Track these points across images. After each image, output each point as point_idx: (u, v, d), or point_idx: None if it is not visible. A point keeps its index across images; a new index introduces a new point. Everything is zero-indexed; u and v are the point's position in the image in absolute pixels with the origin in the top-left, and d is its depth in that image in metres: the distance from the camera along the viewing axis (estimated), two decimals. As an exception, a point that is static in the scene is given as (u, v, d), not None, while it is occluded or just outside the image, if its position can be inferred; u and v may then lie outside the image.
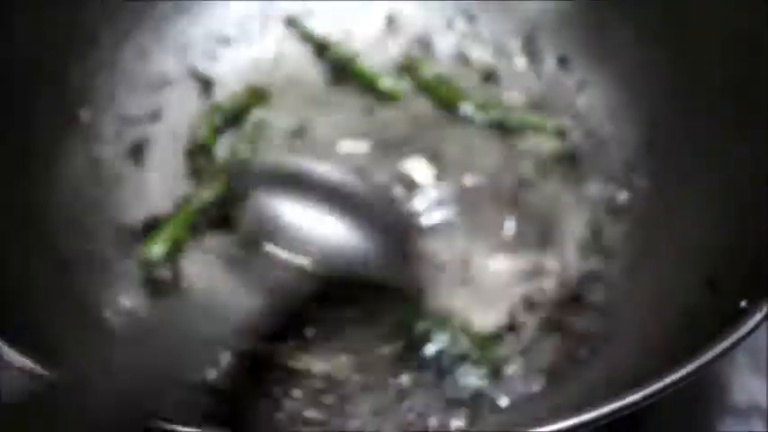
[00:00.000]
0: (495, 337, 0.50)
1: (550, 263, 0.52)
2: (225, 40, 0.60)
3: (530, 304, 0.51)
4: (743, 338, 0.37)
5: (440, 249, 0.53)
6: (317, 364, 0.49)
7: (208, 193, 0.54)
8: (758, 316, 0.37)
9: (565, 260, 0.52)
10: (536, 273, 0.52)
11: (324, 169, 0.52)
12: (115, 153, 0.55)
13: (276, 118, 0.58)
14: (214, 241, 0.52)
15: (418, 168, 0.56)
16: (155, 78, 0.58)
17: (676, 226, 0.51)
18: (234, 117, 0.58)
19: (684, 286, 0.47)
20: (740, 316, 0.38)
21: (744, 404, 0.52)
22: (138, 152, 0.56)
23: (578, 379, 0.47)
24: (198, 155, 0.56)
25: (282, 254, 0.46)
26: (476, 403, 0.48)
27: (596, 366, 0.47)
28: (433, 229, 0.54)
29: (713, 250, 0.47)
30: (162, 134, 0.57)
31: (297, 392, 0.48)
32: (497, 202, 0.55)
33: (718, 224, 0.48)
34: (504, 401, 0.48)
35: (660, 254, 0.51)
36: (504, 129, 0.57)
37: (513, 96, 0.59)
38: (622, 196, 0.54)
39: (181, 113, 0.58)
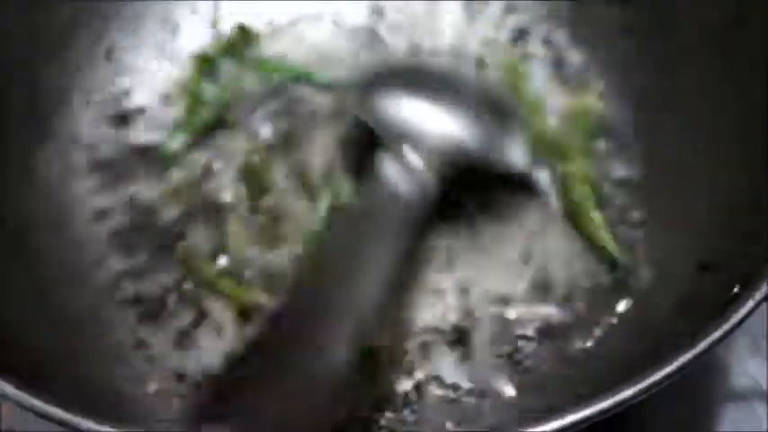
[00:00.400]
0: None
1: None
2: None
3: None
4: (737, 325, 0.36)
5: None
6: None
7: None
8: (750, 303, 0.36)
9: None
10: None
11: (432, 63, 0.56)
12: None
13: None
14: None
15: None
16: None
17: (669, 210, 0.50)
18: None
19: (679, 271, 0.47)
20: (733, 302, 0.37)
21: (745, 388, 0.52)
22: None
23: (575, 369, 0.46)
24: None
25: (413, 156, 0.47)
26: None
27: (594, 355, 0.47)
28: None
29: (707, 234, 0.46)
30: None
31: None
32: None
33: (710, 208, 0.47)
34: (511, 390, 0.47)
35: (654, 238, 0.50)
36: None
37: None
38: (613, 184, 0.53)
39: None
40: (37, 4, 0.53)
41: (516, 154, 0.52)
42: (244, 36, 0.58)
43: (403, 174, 0.47)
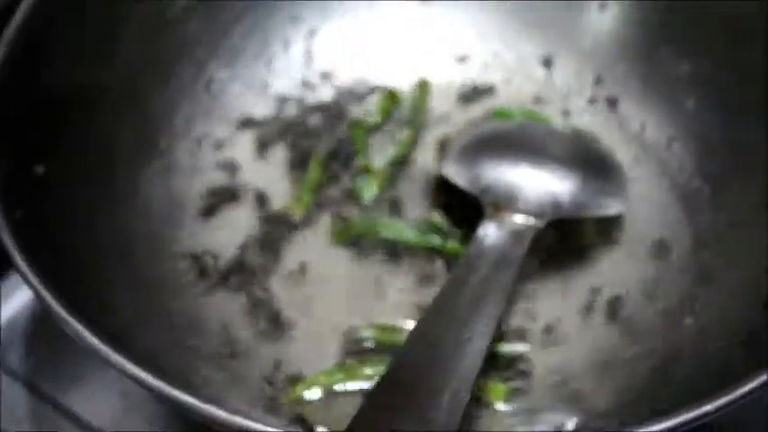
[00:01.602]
0: None
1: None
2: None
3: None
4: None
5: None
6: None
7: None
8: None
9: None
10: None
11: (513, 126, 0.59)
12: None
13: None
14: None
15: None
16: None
17: (734, 249, 0.53)
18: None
19: (744, 306, 0.49)
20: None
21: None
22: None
23: (641, 396, 0.49)
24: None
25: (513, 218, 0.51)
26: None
27: (658, 384, 0.49)
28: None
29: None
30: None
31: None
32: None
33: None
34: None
35: (718, 278, 0.53)
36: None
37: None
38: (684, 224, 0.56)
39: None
40: (149, 35, 0.57)
41: (610, 203, 0.55)
42: (392, 99, 0.62)
43: (503, 235, 0.51)
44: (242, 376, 0.50)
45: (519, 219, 0.52)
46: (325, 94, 0.63)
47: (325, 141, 0.60)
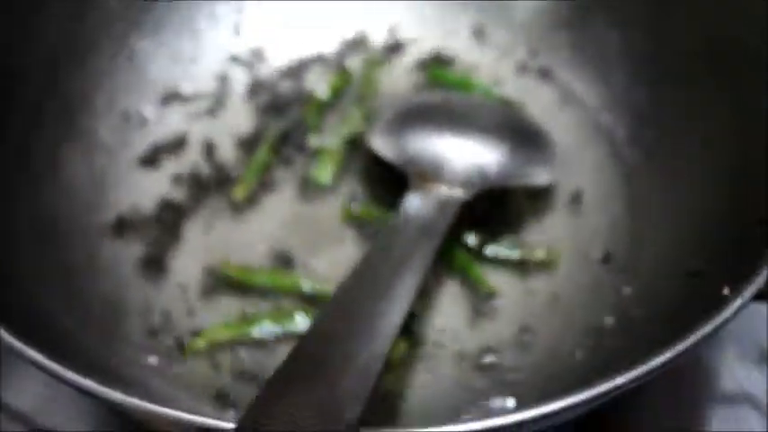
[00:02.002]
0: None
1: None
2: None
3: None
4: (722, 326, 0.38)
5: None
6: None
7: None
8: (738, 302, 0.38)
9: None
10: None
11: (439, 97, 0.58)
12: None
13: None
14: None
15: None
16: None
17: (660, 216, 0.52)
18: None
19: (670, 275, 0.49)
20: (721, 303, 0.39)
21: (733, 392, 0.53)
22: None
23: (564, 367, 0.48)
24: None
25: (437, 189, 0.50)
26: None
27: (581, 354, 0.49)
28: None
29: (698, 238, 0.49)
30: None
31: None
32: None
33: (701, 213, 0.50)
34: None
35: (644, 244, 0.52)
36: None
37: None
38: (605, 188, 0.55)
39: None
40: (68, 10, 0.55)
41: (538, 172, 0.55)
42: (345, 78, 0.61)
43: (427, 204, 0.50)
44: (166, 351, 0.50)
45: (444, 190, 0.51)
46: (258, 69, 0.61)
47: (272, 120, 0.59)
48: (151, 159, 0.57)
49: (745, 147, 0.49)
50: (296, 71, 0.61)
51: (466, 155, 0.53)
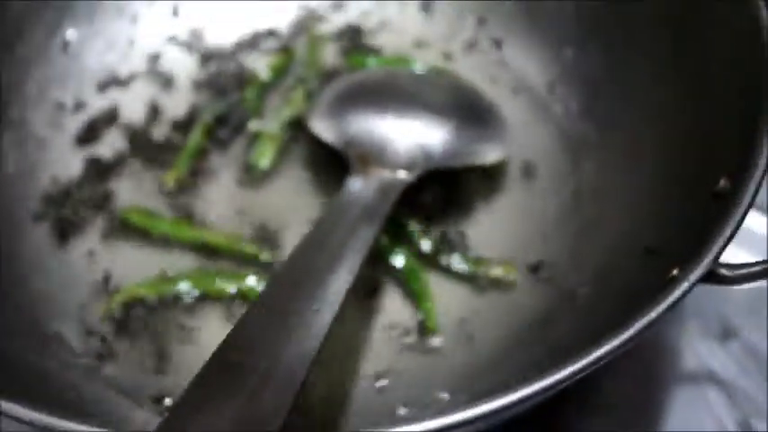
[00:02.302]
0: None
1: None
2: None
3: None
4: (670, 308, 0.36)
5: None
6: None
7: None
8: (685, 284, 0.36)
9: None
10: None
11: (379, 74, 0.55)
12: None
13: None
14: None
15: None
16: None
17: (616, 195, 0.51)
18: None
19: (624, 254, 0.47)
20: (670, 284, 0.38)
21: (695, 369, 0.52)
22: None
23: (522, 352, 0.46)
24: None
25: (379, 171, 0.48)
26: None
27: (538, 337, 0.47)
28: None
29: (651, 218, 0.47)
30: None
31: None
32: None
33: (655, 191, 0.48)
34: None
35: (601, 223, 0.50)
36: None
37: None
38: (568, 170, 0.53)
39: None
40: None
41: (488, 149, 0.52)
42: (287, 57, 0.59)
43: (369, 188, 0.48)
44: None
45: (387, 173, 0.49)
46: (197, 50, 0.59)
47: (209, 101, 0.57)
48: (85, 139, 0.55)
49: (697, 118, 0.48)
50: (236, 51, 0.59)
51: (409, 135, 0.51)
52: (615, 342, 0.35)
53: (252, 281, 0.49)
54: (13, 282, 0.48)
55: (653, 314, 0.36)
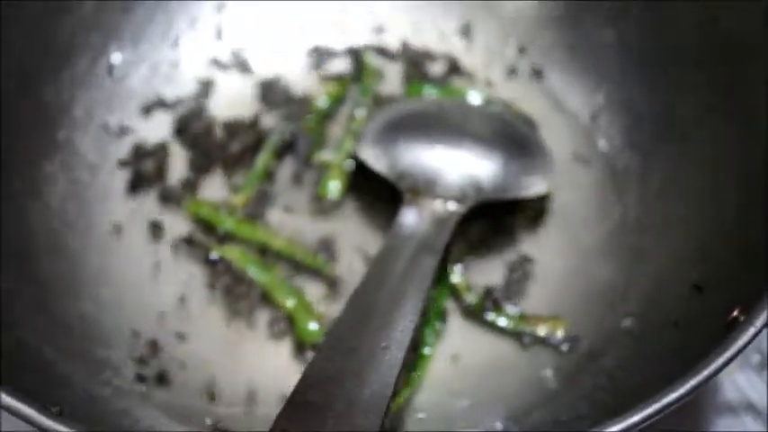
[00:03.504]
0: None
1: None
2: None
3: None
4: (739, 352, 0.37)
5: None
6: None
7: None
8: (752, 330, 0.37)
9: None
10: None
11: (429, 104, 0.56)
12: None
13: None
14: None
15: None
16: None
17: (660, 228, 0.51)
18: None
19: (671, 289, 0.48)
20: (733, 326, 0.38)
21: (736, 402, 0.52)
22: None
23: (572, 392, 0.47)
24: None
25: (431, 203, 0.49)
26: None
27: (591, 375, 0.47)
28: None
29: (700, 254, 0.47)
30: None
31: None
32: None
33: (705, 228, 0.48)
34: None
35: (646, 255, 0.51)
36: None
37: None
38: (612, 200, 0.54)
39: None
40: (40, 20, 0.53)
41: (534, 182, 0.52)
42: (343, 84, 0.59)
43: (424, 222, 0.48)
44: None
45: (439, 204, 0.49)
46: (240, 73, 0.59)
47: (269, 128, 0.57)
48: (136, 176, 0.55)
49: (745, 150, 0.48)
50: (280, 76, 0.59)
51: (460, 167, 0.51)
52: (685, 388, 0.36)
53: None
54: (64, 306, 0.49)
55: (720, 360, 0.36)
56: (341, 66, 0.60)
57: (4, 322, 0.44)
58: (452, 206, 0.49)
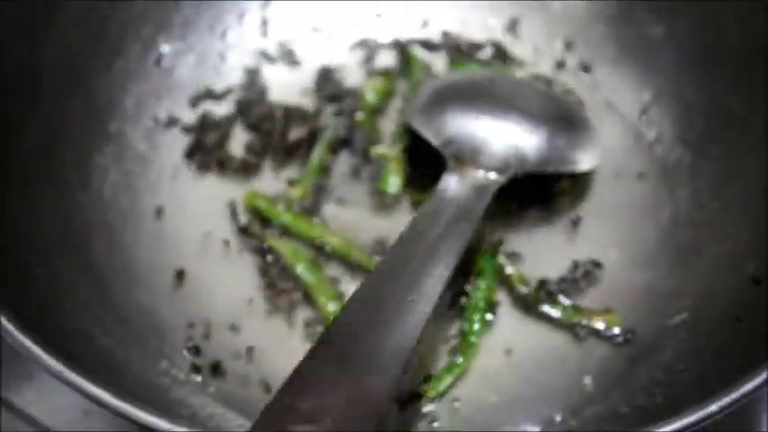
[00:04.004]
0: None
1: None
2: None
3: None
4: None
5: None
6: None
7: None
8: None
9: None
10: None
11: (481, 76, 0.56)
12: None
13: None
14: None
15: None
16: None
17: (715, 222, 0.51)
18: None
19: (728, 282, 0.47)
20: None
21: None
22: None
23: (629, 386, 0.47)
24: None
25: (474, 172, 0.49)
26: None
27: (647, 368, 0.47)
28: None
29: (756, 247, 0.47)
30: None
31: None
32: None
33: (760, 220, 0.48)
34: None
35: (700, 249, 0.51)
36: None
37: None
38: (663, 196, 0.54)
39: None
40: (92, 13, 0.53)
41: (579, 158, 0.53)
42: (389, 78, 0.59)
43: (464, 189, 0.48)
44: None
45: (481, 173, 0.49)
46: (289, 65, 0.59)
47: (318, 121, 0.57)
48: (197, 143, 0.56)
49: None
50: (329, 71, 0.59)
51: (504, 138, 0.52)
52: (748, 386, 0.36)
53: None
54: (121, 297, 0.49)
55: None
56: (387, 60, 0.60)
57: (66, 311, 0.44)
58: (493, 176, 0.50)
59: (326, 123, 0.57)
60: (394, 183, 0.54)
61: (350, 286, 0.50)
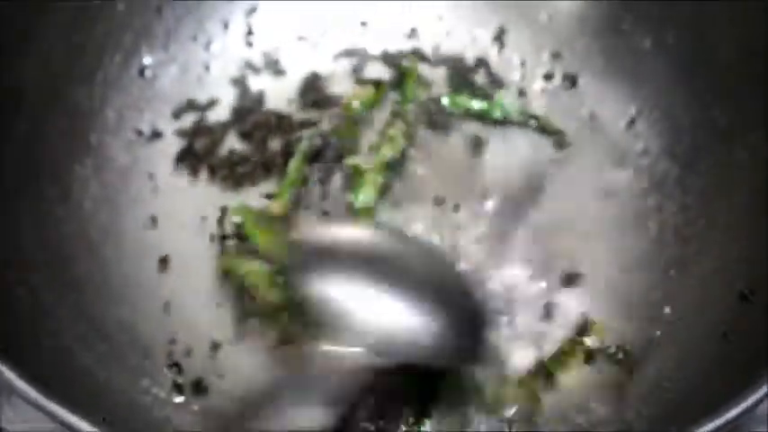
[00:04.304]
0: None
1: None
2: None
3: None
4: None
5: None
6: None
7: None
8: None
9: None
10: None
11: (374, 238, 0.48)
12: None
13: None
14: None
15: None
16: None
17: (702, 236, 0.51)
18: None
19: (719, 299, 0.47)
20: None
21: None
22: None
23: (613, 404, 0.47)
24: None
25: (338, 349, 0.43)
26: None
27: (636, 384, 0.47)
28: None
29: (747, 264, 0.47)
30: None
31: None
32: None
33: (749, 236, 0.48)
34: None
35: (688, 264, 0.50)
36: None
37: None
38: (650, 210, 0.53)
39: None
40: (72, 22, 0.52)
41: (469, 354, 0.47)
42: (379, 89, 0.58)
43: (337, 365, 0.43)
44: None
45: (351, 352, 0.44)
46: (272, 77, 0.58)
47: (296, 132, 0.56)
48: (188, 148, 0.55)
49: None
50: (315, 79, 0.58)
51: (384, 321, 0.45)
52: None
53: None
54: (102, 312, 0.48)
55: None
56: (375, 71, 0.59)
57: (46, 329, 0.43)
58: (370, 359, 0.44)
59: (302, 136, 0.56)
60: (365, 197, 0.53)
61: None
